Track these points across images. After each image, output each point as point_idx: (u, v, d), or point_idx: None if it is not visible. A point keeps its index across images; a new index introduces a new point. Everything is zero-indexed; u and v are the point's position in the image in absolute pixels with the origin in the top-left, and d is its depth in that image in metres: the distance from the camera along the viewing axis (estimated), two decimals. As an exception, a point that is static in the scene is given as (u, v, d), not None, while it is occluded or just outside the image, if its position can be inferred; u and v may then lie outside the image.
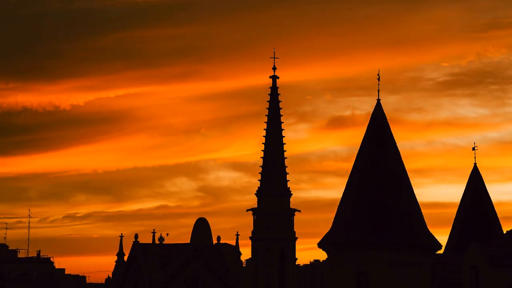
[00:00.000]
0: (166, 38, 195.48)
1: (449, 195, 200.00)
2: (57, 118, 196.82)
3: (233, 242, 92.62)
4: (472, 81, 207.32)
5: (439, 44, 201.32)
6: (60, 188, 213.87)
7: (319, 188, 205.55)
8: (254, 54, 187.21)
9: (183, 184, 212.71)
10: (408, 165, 39.74)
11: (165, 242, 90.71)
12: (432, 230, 38.80)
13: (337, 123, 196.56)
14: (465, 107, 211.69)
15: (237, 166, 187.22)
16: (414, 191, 39.35)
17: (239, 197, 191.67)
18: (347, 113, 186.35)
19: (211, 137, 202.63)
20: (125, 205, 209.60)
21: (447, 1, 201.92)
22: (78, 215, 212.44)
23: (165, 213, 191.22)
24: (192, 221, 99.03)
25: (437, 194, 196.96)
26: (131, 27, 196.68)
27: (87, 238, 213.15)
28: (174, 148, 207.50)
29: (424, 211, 39.06)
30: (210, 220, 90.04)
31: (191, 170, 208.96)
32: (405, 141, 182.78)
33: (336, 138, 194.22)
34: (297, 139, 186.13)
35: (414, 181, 39.72)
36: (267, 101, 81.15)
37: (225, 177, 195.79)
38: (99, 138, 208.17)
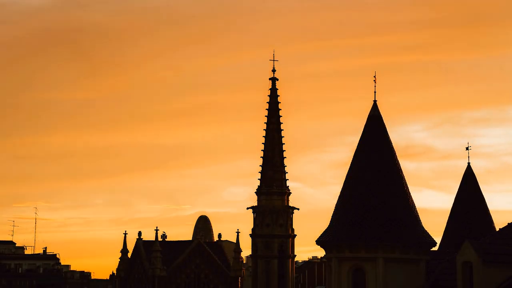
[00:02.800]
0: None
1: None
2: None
3: (233, 239, 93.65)
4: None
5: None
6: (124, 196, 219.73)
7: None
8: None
9: (240, 193, 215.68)
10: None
11: (167, 239, 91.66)
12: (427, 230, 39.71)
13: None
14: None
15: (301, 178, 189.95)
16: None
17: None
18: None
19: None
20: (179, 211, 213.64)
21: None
22: (122, 219, 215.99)
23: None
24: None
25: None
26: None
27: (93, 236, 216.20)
28: (237, 166, 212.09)
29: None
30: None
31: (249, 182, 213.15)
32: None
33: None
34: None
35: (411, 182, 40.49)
36: (267, 102, 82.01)
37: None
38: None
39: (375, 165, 39.66)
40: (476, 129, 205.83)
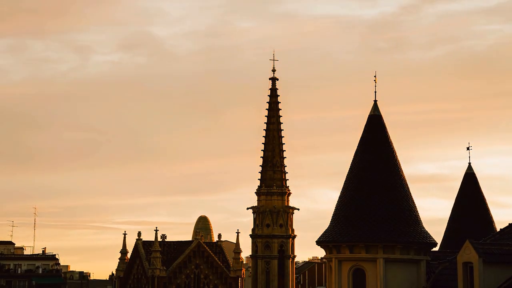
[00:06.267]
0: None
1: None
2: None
3: (233, 240, 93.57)
4: None
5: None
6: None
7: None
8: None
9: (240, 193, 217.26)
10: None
11: (167, 239, 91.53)
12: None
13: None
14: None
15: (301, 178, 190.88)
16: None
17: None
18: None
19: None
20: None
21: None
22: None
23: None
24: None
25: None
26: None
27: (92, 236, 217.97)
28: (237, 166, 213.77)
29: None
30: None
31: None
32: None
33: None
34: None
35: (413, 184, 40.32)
36: (267, 102, 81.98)
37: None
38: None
39: (375, 165, 39.52)
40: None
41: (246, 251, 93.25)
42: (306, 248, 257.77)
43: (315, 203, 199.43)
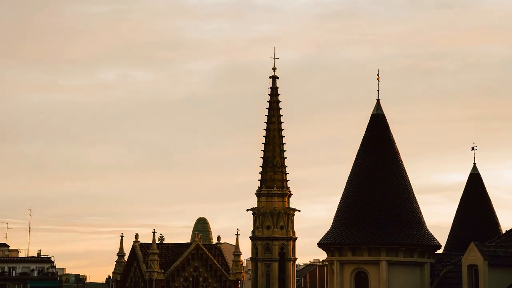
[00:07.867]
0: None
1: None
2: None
3: (233, 242, 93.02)
4: None
5: None
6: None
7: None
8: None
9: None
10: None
11: (165, 241, 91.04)
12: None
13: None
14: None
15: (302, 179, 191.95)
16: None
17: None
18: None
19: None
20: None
21: None
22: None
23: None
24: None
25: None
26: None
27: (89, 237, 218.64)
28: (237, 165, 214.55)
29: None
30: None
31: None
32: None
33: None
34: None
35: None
36: (267, 101, 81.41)
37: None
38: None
39: (378, 165, 39.05)
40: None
41: (246, 253, 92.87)
42: (307, 252, 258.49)
43: (316, 204, 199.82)
